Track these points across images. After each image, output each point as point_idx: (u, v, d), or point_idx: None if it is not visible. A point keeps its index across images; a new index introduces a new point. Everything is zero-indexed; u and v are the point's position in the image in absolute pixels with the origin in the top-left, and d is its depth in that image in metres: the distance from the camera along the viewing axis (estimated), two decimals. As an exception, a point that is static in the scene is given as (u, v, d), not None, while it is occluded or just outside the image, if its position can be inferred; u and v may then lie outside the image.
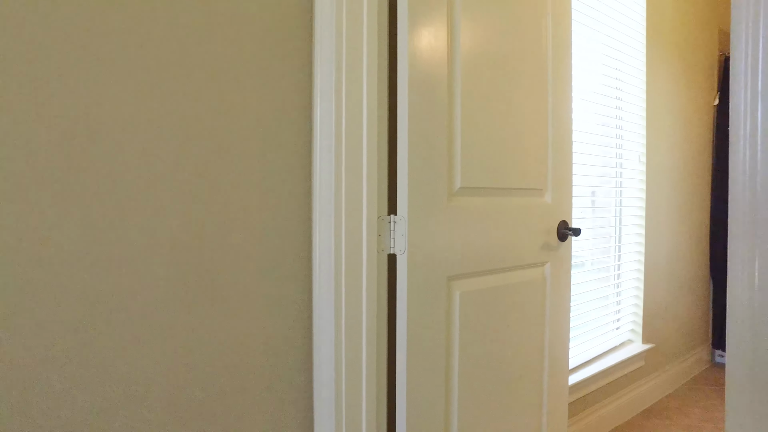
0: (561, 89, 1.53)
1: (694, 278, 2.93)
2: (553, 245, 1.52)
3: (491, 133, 1.32)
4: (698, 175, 2.93)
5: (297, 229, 1.09)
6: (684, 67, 2.70)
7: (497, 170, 1.34)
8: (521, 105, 1.40)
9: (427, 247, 1.17)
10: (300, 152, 1.09)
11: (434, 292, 1.19)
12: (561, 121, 1.53)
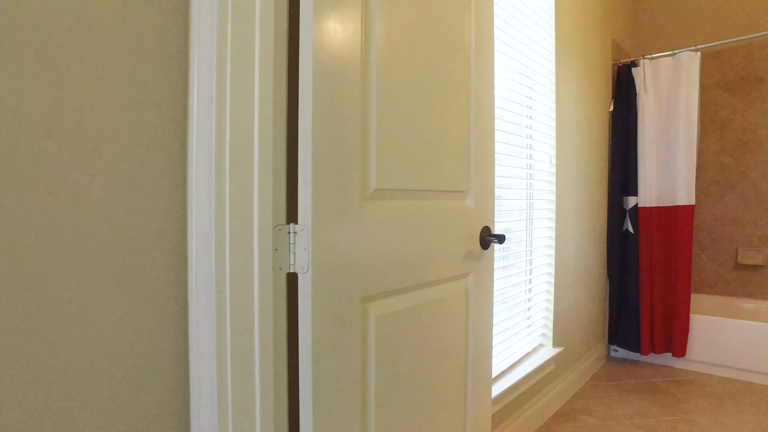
0: (483, 86, 1.38)
1: (595, 278, 3.01)
2: (476, 254, 1.37)
3: (410, 129, 1.13)
4: (598, 178, 3.01)
5: (169, 250, 0.81)
6: (585, 74, 2.74)
7: (417, 170, 1.15)
8: (443, 101, 1.23)
9: (336, 263, 0.95)
10: (173, 154, 0.82)
11: (346, 318, 0.97)
12: (483, 120, 1.38)
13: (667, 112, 3.03)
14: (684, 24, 3.62)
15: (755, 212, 3.41)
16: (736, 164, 3.46)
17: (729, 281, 3.51)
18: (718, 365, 2.95)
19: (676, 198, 3.01)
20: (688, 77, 2.92)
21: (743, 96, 3.42)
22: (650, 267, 3.06)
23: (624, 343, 3.14)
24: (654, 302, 3.05)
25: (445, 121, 1.24)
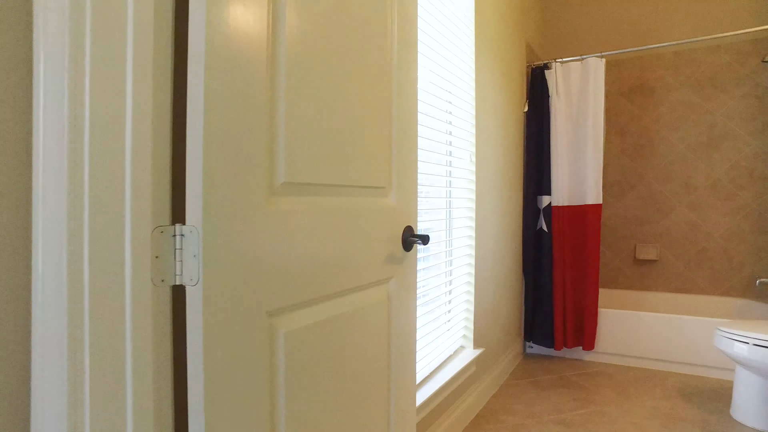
0: (406, 80, 1.27)
1: (512, 276, 3.04)
2: (399, 256, 1.26)
3: (326, 119, 0.99)
4: (514, 177, 3.04)
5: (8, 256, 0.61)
6: (502, 75, 2.75)
7: (333, 163, 1.02)
8: (362, 93, 1.10)
9: (235, 271, 0.78)
10: (12, 142, 0.61)
11: (248, 338, 0.81)
12: (406, 114, 1.27)
13: (577, 115, 3.14)
14: (590, 32, 3.80)
15: (650, 211, 3.64)
16: (634, 166, 3.68)
17: (629, 275, 3.73)
18: (623, 355, 3.09)
19: (585, 197, 3.12)
20: (595, 82, 3.04)
21: (639, 103, 3.65)
22: (563, 264, 3.15)
23: (539, 339, 3.21)
24: (567, 298, 3.14)
25: (365, 113, 1.12)
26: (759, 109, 3.33)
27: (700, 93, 3.48)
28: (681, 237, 3.57)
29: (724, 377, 2.84)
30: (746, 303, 3.31)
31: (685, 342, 2.92)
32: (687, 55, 3.51)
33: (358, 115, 1.09)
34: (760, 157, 3.34)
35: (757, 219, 3.36)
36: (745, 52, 3.35)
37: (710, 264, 3.49)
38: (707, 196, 3.49)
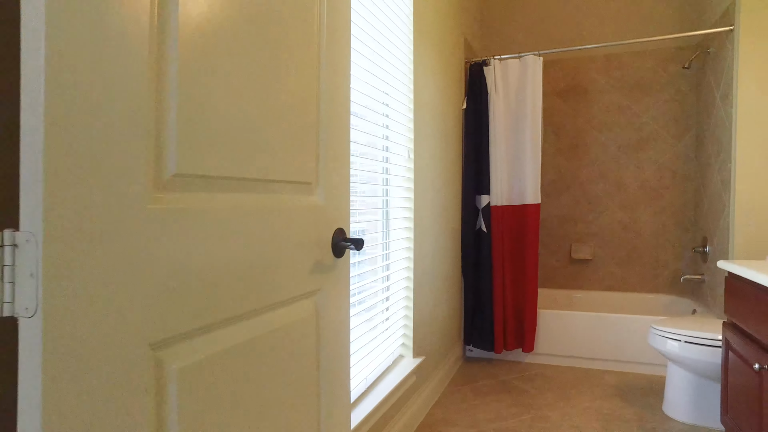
0: (336, 67, 1.10)
1: (451, 278, 2.94)
2: (328, 264, 1.08)
3: (234, 101, 0.80)
4: (453, 176, 2.95)
5: None
6: (441, 70, 2.64)
7: (243, 152, 0.83)
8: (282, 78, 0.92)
9: (98, 293, 0.58)
10: None
11: (122, 381, 0.60)
12: (336, 102, 1.10)
13: (516, 113, 3.09)
14: (527, 30, 3.79)
15: (584, 210, 3.69)
16: (569, 166, 3.71)
17: (565, 275, 3.75)
18: (561, 356, 3.08)
19: (524, 197, 3.08)
20: (533, 80, 3.00)
21: (573, 104, 3.68)
22: (502, 265, 3.09)
23: (479, 342, 3.14)
24: (506, 300, 3.09)
25: (286, 100, 0.93)
26: (680, 113, 3.45)
27: (629, 96, 3.56)
28: (613, 236, 3.63)
29: (657, 372, 2.89)
30: (673, 299, 3.41)
31: (619, 340, 2.95)
32: (616, 59, 3.57)
33: (277, 102, 0.91)
34: (681, 158, 3.45)
35: (679, 218, 3.47)
36: (668, 59, 3.46)
37: (640, 262, 3.57)
38: (637, 196, 3.57)
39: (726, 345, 1.89)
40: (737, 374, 1.79)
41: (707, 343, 2.16)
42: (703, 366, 2.19)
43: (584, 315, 3.02)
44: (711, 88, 3.03)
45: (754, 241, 2.58)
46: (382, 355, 2.06)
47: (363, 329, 1.87)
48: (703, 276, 3.14)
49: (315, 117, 1.04)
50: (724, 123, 2.78)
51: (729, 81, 2.71)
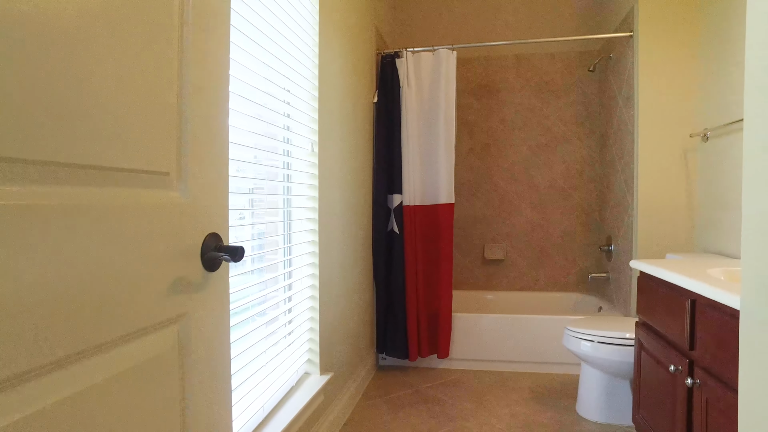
0: (206, 39, 0.85)
1: (362, 284, 2.74)
2: (196, 280, 0.82)
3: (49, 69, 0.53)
4: (362, 173, 2.76)
5: None
6: (350, 60, 2.43)
7: (64, 129, 0.56)
8: (124, 46, 0.66)
9: None
10: None
11: None
12: (207, 79, 0.85)
13: (429, 108, 2.97)
14: (440, 23, 3.70)
15: (497, 210, 3.67)
16: (482, 166, 3.68)
17: (478, 276, 3.71)
18: (477, 360, 3.00)
19: (438, 196, 2.97)
20: (446, 74, 2.89)
21: (485, 103, 3.65)
22: (416, 268, 2.95)
23: (393, 350, 2.97)
24: (420, 305, 2.95)
25: (130, 72, 0.67)
26: (585, 116, 3.53)
27: (539, 97, 3.59)
28: (525, 236, 3.64)
29: (570, 372, 2.90)
30: (581, 297, 3.48)
31: (533, 341, 2.92)
32: (527, 60, 3.59)
33: (117, 74, 0.65)
34: (587, 160, 3.54)
35: (586, 217, 3.56)
36: (574, 63, 3.53)
37: (550, 262, 3.61)
38: (547, 196, 3.61)
39: (638, 345, 1.86)
40: (650, 374, 1.76)
41: (619, 343, 2.15)
42: (616, 366, 2.18)
43: (498, 318, 2.96)
44: (613, 92, 3.11)
45: (655, 240, 2.65)
46: (285, 375, 1.82)
47: (262, 347, 1.61)
48: (608, 274, 3.21)
49: (174, 99, 0.78)
50: (627, 125, 2.85)
51: (630, 85, 2.78)
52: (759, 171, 0.66)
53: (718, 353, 1.29)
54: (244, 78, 1.44)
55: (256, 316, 1.60)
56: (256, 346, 1.58)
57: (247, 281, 1.54)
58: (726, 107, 2.30)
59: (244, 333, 1.46)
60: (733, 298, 1.18)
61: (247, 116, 1.45)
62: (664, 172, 2.64)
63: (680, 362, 1.50)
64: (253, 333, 1.57)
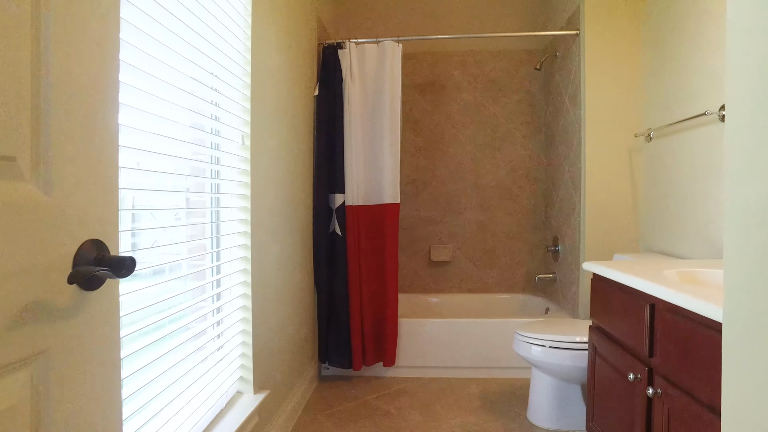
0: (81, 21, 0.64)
1: (302, 290, 2.55)
2: (64, 304, 0.62)
3: None
4: (302, 171, 2.56)
5: None
6: (289, 50, 2.23)
7: None
8: None
9: None
10: None
11: None
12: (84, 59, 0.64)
13: (374, 103, 2.81)
14: (384, 14, 3.56)
15: (444, 211, 3.57)
16: (428, 164, 3.57)
17: (424, 278, 3.60)
18: (424, 367, 2.88)
19: (382, 196, 2.81)
20: (392, 68, 2.75)
21: (431, 99, 3.54)
22: (359, 271, 2.79)
23: (336, 360, 2.79)
24: (364, 311, 2.79)
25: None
26: (531, 115, 3.50)
27: (485, 94, 3.52)
28: (472, 237, 3.57)
29: (518, 376, 2.83)
30: (528, 298, 3.44)
31: (480, 345, 2.83)
32: (473, 57, 3.52)
33: None
34: (533, 160, 3.51)
35: (531, 218, 3.52)
36: (520, 61, 3.49)
37: (497, 263, 3.56)
38: (493, 195, 3.55)
39: (593, 350, 1.79)
40: (605, 381, 1.69)
41: (571, 347, 2.08)
42: (568, 371, 2.11)
43: (445, 322, 2.85)
44: (560, 90, 3.08)
45: (602, 240, 2.62)
46: (213, 397, 1.60)
47: (183, 368, 1.38)
48: (554, 274, 3.18)
49: (26, 57, 0.57)
50: (573, 124, 2.82)
51: (577, 83, 2.75)
52: (745, 153, 0.54)
53: (682, 361, 1.21)
54: (157, 55, 1.21)
55: (177, 332, 1.38)
56: (177, 367, 1.35)
57: (165, 291, 1.31)
58: (669, 107, 2.30)
59: (160, 353, 1.23)
60: (699, 303, 1.10)
61: (160, 100, 1.23)
62: (611, 171, 2.62)
63: (639, 370, 1.42)
64: (173, 353, 1.35)
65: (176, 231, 1.43)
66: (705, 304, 1.07)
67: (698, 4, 2.06)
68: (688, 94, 2.14)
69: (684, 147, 2.17)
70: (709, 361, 1.10)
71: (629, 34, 2.59)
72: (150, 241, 1.30)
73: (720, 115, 1.89)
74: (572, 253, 2.83)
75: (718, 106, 1.92)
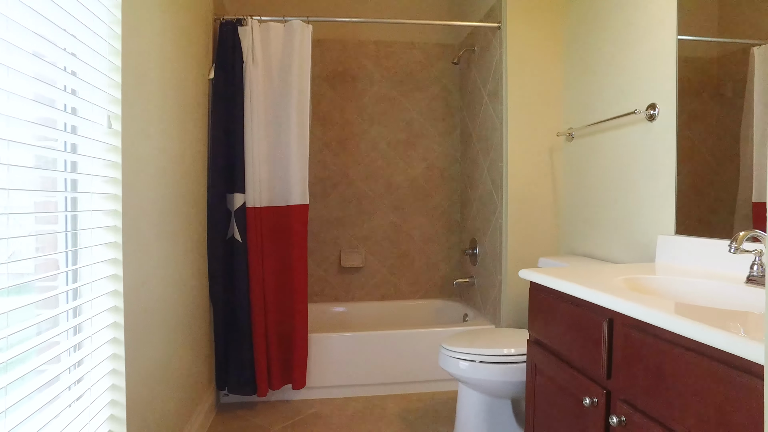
0: None
1: (195, 307, 2.14)
2: None
3: None
4: (194, 167, 2.15)
5: None
6: (175, 23, 1.82)
7: None
8: None
9: None
10: None
11: None
12: None
13: (280, 91, 2.47)
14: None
15: (354, 212, 3.31)
16: (338, 162, 3.29)
17: (334, 286, 3.31)
18: (339, 386, 2.59)
19: (289, 196, 2.48)
20: (300, 52, 2.43)
21: (341, 91, 3.27)
22: (263, 282, 2.43)
23: (237, 386, 2.40)
24: (269, 326, 2.44)
25: None
26: (446, 111, 3.37)
27: (399, 88, 3.32)
28: (385, 240, 3.35)
29: (441, 389, 2.64)
30: (445, 304, 3.29)
31: (399, 359, 2.61)
32: (387, 48, 3.30)
33: None
34: (448, 158, 3.38)
35: (447, 219, 3.39)
36: (436, 54, 3.34)
37: (411, 267, 3.37)
38: (407, 196, 3.36)
39: (532, 368, 1.62)
40: (550, 404, 1.53)
41: (503, 361, 1.92)
42: (498, 386, 1.95)
43: (359, 336, 2.59)
44: (478, 87, 2.96)
45: (525, 243, 2.52)
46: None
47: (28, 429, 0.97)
48: (472, 278, 3.06)
49: None
50: (493, 122, 2.70)
51: (497, 79, 2.63)
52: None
53: (654, 386, 1.05)
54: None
55: (16, 382, 0.96)
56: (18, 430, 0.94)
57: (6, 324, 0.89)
58: (591, 106, 2.24)
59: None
60: (683, 323, 0.94)
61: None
62: (534, 171, 2.53)
63: (596, 393, 1.26)
64: (13, 410, 0.93)
65: (18, 243, 1.01)
66: (693, 325, 0.92)
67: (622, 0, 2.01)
68: (612, 93, 2.08)
69: (608, 147, 2.11)
70: (692, 388, 0.95)
71: (552, 28, 2.52)
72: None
73: (647, 114, 1.83)
74: (493, 257, 2.71)
75: (645, 105, 1.86)
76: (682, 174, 1.68)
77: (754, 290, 1.24)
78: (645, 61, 1.87)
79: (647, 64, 1.85)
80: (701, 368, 0.92)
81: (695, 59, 1.60)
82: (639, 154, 1.91)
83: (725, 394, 0.86)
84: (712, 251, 1.53)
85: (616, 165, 2.06)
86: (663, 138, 1.77)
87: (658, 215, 1.81)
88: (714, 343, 0.86)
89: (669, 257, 1.71)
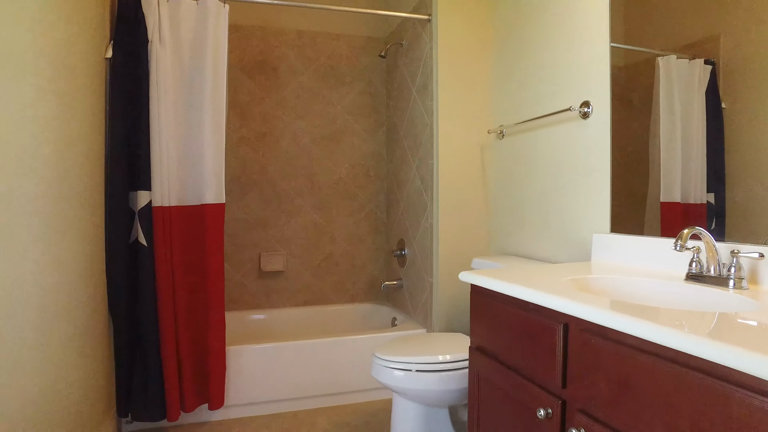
0: None
1: (92, 326, 1.83)
2: None
3: None
4: (90, 157, 1.84)
5: None
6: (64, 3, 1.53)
7: None
8: None
9: None
10: None
11: None
12: None
13: (191, 77, 2.20)
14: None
15: (275, 213, 3.09)
16: (257, 158, 3.05)
17: (254, 292, 3.07)
18: (261, 403, 2.37)
19: (203, 194, 2.22)
20: (216, 34, 2.18)
21: (261, 82, 3.04)
22: (173, 292, 2.16)
23: (143, 411, 2.10)
24: (181, 342, 2.16)
25: None
26: (372, 107, 3.25)
27: (323, 81, 3.15)
28: (308, 242, 3.15)
29: (374, 398, 2.51)
30: (372, 307, 3.16)
31: (326, 369, 2.44)
32: (310, 38, 3.11)
33: None
34: (375, 156, 3.26)
35: (373, 220, 3.27)
36: (361, 48, 3.21)
37: (336, 270, 3.21)
38: (331, 195, 3.19)
39: (475, 378, 1.54)
40: (497, 415, 1.45)
41: (441, 369, 1.82)
42: (436, 395, 1.85)
43: (282, 346, 2.38)
44: (406, 82, 2.86)
45: (457, 242, 2.46)
46: None
47: None
48: (401, 281, 2.96)
49: None
50: (423, 118, 2.62)
51: (427, 74, 2.55)
52: None
53: (617, 396, 0.99)
54: None
55: None
56: None
57: None
58: (522, 103, 2.22)
59: None
60: (652, 327, 0.87)
61: None
62: (465, 169, 2.47)
63: (550, 404, 1.19)
64: None
65: None
66: (664, 330, 0.85)
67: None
68: (545, 90, 2.07)
69: (541, 144, 2.09)
70: (662, 397, 0.89)
71: (484, 21, 2.48)
72: None
73: (581, 112, 1.82)
74: (423, 258, 2.63)
75: (579, 102, 1.85)
76: (616, 172, 1.68)
77: (697, 287, 1.23)
78: (579, 57, 1.86)
79: (581, 60, 1.84)
80: (671, 376, 0.86)
81: (614, 67, 1.60)
82: (572, 152, 1.90)
83: (701, 403, 0.80)
84: (646, 249, 1.53)
85: (548, 163, 2.04)
86: (597, 135, 1.76)
87: (592, 213, 1.80)
88: (696, 352, 0.80)
89: (605, 255, 1.70)
